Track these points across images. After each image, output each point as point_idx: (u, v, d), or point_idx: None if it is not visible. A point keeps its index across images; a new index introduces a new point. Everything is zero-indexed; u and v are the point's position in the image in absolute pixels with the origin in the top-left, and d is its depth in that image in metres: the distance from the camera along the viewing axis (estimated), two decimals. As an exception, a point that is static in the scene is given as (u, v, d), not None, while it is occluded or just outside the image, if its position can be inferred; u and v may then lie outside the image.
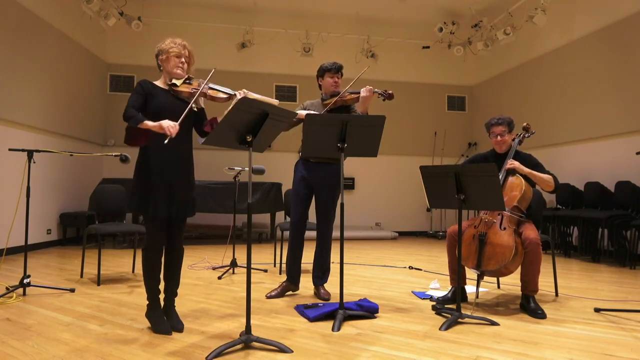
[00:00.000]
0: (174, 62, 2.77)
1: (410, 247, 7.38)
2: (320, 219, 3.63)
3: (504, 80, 8.78)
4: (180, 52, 2.77)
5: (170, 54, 2.76)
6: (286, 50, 8.56)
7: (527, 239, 3.14)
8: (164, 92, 2.77)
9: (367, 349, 2.45)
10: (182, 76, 2.79)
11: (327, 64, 3.68)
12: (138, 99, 2.68)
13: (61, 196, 6.86)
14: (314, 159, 3.56)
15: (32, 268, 4.66)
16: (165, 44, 2.80)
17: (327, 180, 3.57)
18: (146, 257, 2.72)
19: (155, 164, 2.67)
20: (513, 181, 3.32)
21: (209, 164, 7.11)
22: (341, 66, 3.69)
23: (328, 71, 3.65)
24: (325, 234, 3.63)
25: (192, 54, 2.86)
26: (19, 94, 5.88)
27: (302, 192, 3.62)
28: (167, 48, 2.76)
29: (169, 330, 2.66)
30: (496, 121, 3.54)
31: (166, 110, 2.70)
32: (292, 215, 3.68)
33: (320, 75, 3.71)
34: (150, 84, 2.77)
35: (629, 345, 2.53)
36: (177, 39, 2.82)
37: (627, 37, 5.97)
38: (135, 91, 2.71)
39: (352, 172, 9.05)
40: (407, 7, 8.46)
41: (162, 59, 2.79)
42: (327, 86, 3.66)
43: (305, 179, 3.60)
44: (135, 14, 7.46)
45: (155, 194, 2.65)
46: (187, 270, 4.74)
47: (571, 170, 6.67)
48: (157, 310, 2.75)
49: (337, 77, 3.65)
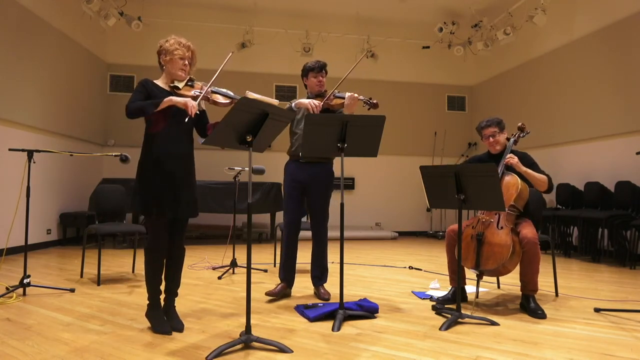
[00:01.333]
0: (177, 64, 2.74)
1: (410, 247, 7.38)
2: (314, 219, 3.62)
3: (504, 80, 8.78)
4: (185, 54, 2.74)
5: (174, 55, 2.72)
6: (286, 50, 8.56)
7: (525, 238, 3.15)
8: (166, 93, 2.73)
9: (367, 349, 2.45)
10: (184, 78, 2.77)
11: (310, 64, 3.62)
12: (140, 97, 2.65)
13: (61, 196, 6.87)
14: (305, 158, 3.54)
15: (32, 268, 4.66)
16: (169, 43, 2.74)
17: (319, 180, 3.57)
18: (148, 257, 2.71)
19: (157, 165, 2.66)
20: (509, 180, 3.32)
21: (209, 164, 7.10)
22: (324, 64, 3.64)
23: (311, 70, 3.60)
24: (320, 233, 3.63)
25: (195, 54, 2.83)
26: (19, 94, 5.88)
27: (294, 192, 3.61)
28: (171, 49, 2.72)
29: (169, 330, 2.66)
30: (485, 123, 3.56)
31: (168, 112, 2.68)
32: (286, 216, 3.65)
33: (304, 75, 3.66)
34: (151, 83, 2.74)
35: (629, 345, 2.53)
36: (182, 38, 2.78)
37: (627, 37, 5.97)
38: (137, 90, 2.68)
39: (352, 172, 9.05)
40: (407, 7, 8.46)
41: (165, 59, 2.75)
42: (312, 86, 3.63)
43: (296, 179, 3.59)
44: (135, 14, 7.46)
45: (158, 195, 2.64)
46: (187, 270, 4.74)
47: (571, 170, 6.67)
48: (157, 310, 2.75)
49: (320, 77, 3.60)
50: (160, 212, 2.63)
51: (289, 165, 3.68)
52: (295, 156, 3.60)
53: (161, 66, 2.81)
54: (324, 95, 3.56)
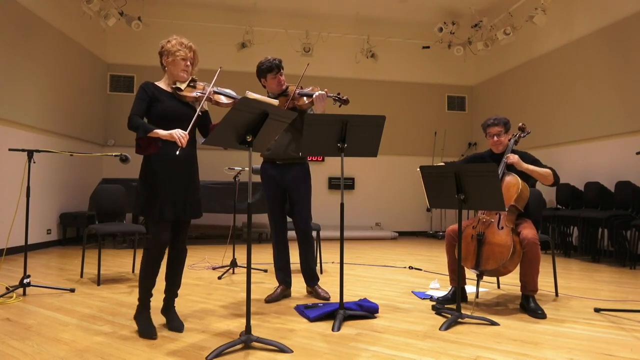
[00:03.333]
0: (179, 65, 2.70)
1: (410, 247, 7.38)
2: (298, 218, 3.59)
3: (504, 80, 8.78)
4: (187, 54, 2.71)
5: (176, 57, 2.69)
6: (286, 50, 8.54)
7: (525, 238, 3.14)
8: (169, 95, 2.72)
9: (367, 349, 2.45)
10: (186, 79, 2.76)
11: (265, 65, 3.46)
12: (142, 105, 2.63)
13: (61, 196, 6.87)
14: (281, 160, 3.53)
15: (32, 268, 4.66)
16: (171, 44, 2.71)
17: (297, 179, 3.55)
18: (147, 256, 2.67)
19: (160, 167, 2.64)
20: (510, 180, 3.32)
21: (209, 164, 7.07)
22: (280, 62, 3.49)
23: (269, 72, 3.46)
24: (306, 231, 3.61)
25: (197, 55, 2.81)
26: (19, 94, 5.88)
27: (275, 193, 3.58)
28: (173, 50, 2.69)
29: (155, 335, 2.58)
30: (492, 122, 3.54)
31: (172, 115, 2.66)
32: (271, 218, 3.62)
33: (262, 76, 3.52)
34: (153, 86, 2.71)
35: (629, 345, 2.53)
36: (184, 39, 2.75)
37: (627, 37, 5.97)
38: (139, 97, 2.65)
39: (352, 172, 9.05)
40: (407, 7, 8.46)
41: (167, 60, 2.72)
42: (272, 87, 3.52)
43: (274, 180, 3.56)
44: (135, 14, 7.46)
45: (162, 197, 2.62)
46: (187, 270, 4.73)
47: (571, 170, 6.67)
48: (146, 311, 2.69)
49: (280, 76, 3.50)
50: (163, 214, 2.61)
51: (265, 167, 3.62)
52: (271, 158, 3.57)
53: (163, 67, 2.78)
54: (287, 94, 3.49)
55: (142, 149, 2.62)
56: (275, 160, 3.55)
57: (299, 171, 3.57)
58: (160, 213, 2.60)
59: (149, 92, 2.66)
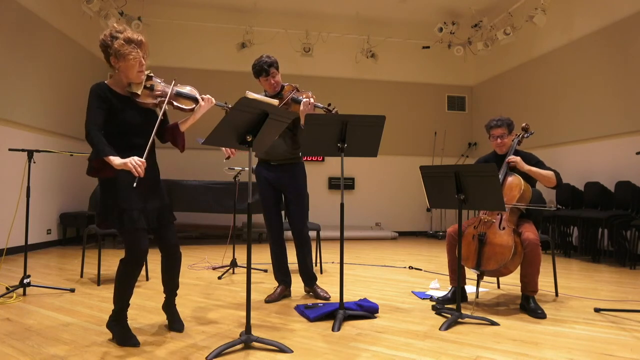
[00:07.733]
0: (134, 68, 2.44)
1: (410, 247, 7.38)
2: (294, 219, 3.59)
3: (504, 80, 8.78)
4: (139, 54, 2.43)
5: (129, 61, 2.40)
6: (286, 50, 8.55)
7: (527, 239, 3.14)
8: (125, 101, 2.48)
9: (367, 349, 2.45)
10: (143, 79, 2.53)
11: (258, 66, 3.44)
12: (100, 114, 2.38)
13: (61, 196, 6.86)
14: (275, 161, 3.53)
15: (32, 268, 4.66)
16: (118, 44, 2.38)
17: (293, 180, 3.55)
18: (125, 270, 2.45)
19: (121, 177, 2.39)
20: (512, 181, 3.32)
21: (209, 164, 7.10)
22: (271, 63, 3.44)
23: (261, 75, 3.45)
24: (303, 231, 3.60)
25: (147, 45, 2.49)
26: (18, 94, 5.88)
27: (270, 194, 3.59)
28: (124, 53, 2.38)
29: (137, 341, 2.45)
30: (495, 123, 3.54)
31: (131, 128, 2.46)
32: (267, 219, 3.61)
33: (256, 77, 3.52)
34: (108, 91, 2.45)
35: (629, 345, 2.53)
36: (129, 32, 2.43)
37: (627, 37, 5.97)
38: (96, 105, 2.38)
39: (352, 172, 9.05)
40: (407, 7, 8.47)
41: (118, 63, 2.43)
42: (268, 87, 3.53)
43: (269, 181, 3.57)
44: (135, 14, 7.46)
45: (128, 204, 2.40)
46: (187, 270, 4.74)
47: (571, 170, 6.66)
48: (123, 321, 2.52)
49: (272, 79, 3.48)
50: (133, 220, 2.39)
51: (260, 168, 3.62)
52: (265, 159, 3.57)
53: (109, 64, 2.47)
54: (282, 96, 3.48)
55: (95, 171, 2.39)
56: (270, 161, 3.56)
57: (294, 171, 3.57)
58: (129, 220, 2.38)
59: (106, 101, 2.41)
